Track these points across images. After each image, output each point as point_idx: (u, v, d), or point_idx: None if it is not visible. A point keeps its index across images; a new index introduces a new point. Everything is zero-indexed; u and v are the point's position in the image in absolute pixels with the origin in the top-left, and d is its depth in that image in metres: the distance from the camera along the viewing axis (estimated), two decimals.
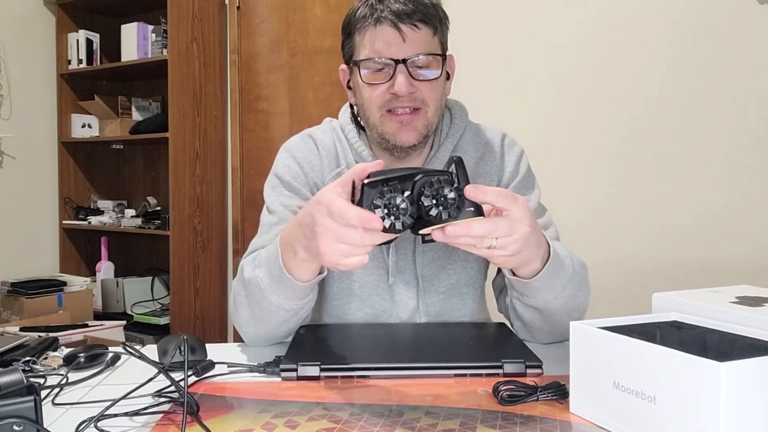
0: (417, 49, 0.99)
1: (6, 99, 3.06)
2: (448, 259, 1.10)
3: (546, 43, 2.27)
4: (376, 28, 0.99)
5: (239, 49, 3.07)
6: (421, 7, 0.99)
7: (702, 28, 2.00)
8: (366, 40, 1.00)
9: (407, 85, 0.98)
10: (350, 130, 1.12)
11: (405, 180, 0.73)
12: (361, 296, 1.09)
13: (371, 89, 1.02)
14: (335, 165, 1.11)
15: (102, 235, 3.27)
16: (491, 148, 1.13)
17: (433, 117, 1.03)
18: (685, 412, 0.55)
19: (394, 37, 0.98)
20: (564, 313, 0.96)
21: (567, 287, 0.93)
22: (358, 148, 1.10)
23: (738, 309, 0.67)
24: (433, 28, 1.01)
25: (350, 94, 1.11)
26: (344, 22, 1.06)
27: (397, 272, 1.09)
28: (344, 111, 1.16)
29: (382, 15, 0.98)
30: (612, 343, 0.64)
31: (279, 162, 1.14)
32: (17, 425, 0.56)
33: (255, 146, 3.06)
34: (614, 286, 2.10)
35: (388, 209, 0.69)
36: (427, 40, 1.00)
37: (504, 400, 0.72)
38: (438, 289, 1.10)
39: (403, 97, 0.99)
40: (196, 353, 0.87)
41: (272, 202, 1.10)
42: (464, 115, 1.14)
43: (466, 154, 1.11)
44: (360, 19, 1.01)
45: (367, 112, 1.04)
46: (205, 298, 3.04)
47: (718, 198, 1.98)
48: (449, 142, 1.10)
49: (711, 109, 1.99)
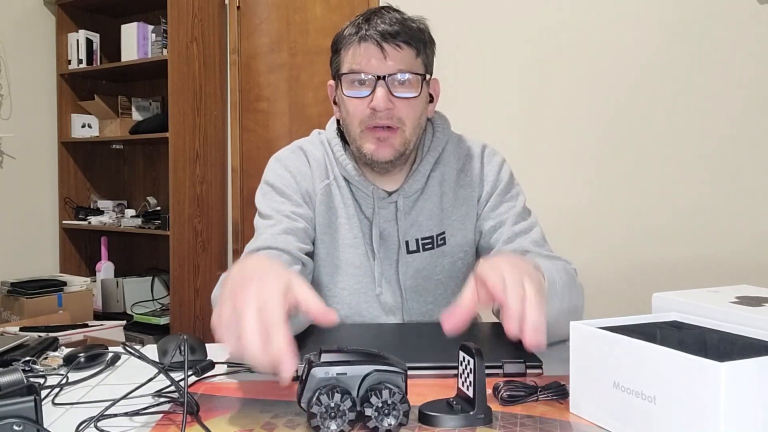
0: (398, 66, 1.01)
1: (6, 99, 3.06)
2: (433, 270, 1.13)
3: (549, 43, 2.27)
4: (360, 45, 1.02)
5: (239, 49, 3.07)
6: (406, 29, 1.02)
7: (702, 28, 2.00)
8: (350, 55, 1.04)
9: (385, 101, 1.00)
10: (336, 144, 1.13)
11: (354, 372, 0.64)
12: (350, 304, 1.12)
13: (352, 103, 1.04)
14: (324, 176, 1.13)
15: (102, 235, 3.27)
16: (471, 159, 1.15)
17: (410, 136, 1.05)
18: (685, 412, 0.55)
19: (376, 54, 1.01)
20: (563, 319, 0.96)
21: (563, 301, 0.93)
22: (343, 161, 1.11)
23: (738, 309, 0.67)
24: (416, 49, 1.04)
25: (336, 109, 1.13)
26: (333, 40, 1.09)
27: (384, 282, 1.11)
28: (331, 124, 1.18)
29: (368, 33, 1.02)
30: (612, 343, 0.64)
31: (270, 171, 1.15)
32: (17, 425, 0.56)
33: (255, 146, 3.06)
34: (614, 286, 2.10)
35: (327, 409, 0.62)
36: (409, 59, 1.03)
37: (504, 400, 0.72)
38: (426, 299, 1.12)
39: (381, 113, 1.01)
40: (196, 353, 0.87)
41: (265, 207, 1.11)
42: (446, 128, 1.16)
43: (448, 166, 1.13)
44: (347, 36, 1.05)
45: (349, 127, 1.07)
46: (205, 298, 3.04)
47: (718, 198, 1.98)
48: (431, 155, 1.12)
49: (711, 109, 1.99)
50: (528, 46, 2.29)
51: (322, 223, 1.12)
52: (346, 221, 1.11)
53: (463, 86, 2.37)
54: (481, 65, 2.38)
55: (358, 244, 1.11)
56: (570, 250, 1.25)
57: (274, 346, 0.58)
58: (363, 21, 1.03)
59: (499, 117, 2.35)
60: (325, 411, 0.62)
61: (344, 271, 1.12)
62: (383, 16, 1.03)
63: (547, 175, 2.23)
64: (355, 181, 1.10)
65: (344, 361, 0.63)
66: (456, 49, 2.35)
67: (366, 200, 1.11)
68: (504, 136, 2.18)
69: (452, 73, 2.11)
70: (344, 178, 1.12)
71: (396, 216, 1.11)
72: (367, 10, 1.07)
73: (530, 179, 1.21)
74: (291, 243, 1.03)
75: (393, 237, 1.11)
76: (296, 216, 1.08)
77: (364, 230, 1.11)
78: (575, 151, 2.22)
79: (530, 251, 1.05)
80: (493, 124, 2.33)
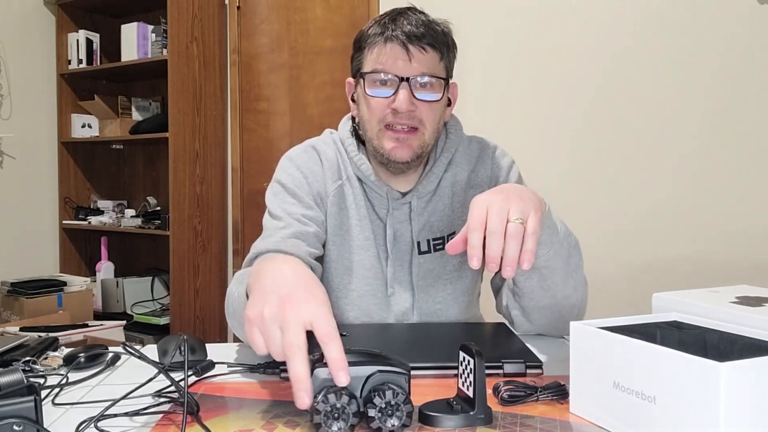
0: (422, 69, 1.02)
1: (6, 99, 3.06)
2: (443, 270, 1.13)
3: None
4: (386, 45, 1.02)
5: (239, 49, 3.07)
6: (431, 32, 1.02)
7: (702, 27, 2.00)
8: (374, 55, 1.04)
9: (408, 103, 1.01)
10: (350, 143, 1.13)
11: (358, 373, 0.64)
12: (360, 306, 1.12)
13: (373, 102, 1.04)
14: (337, 177, 1.13)
15: (102, 235, 3.27)
16: (482, 160, 1.16)
17: (429, 139, 1.06)
18: (685, 412, 0.55)
19: (401, 55, 1.01)
20: (564, 277, 0.97)
21: (563, 246, 0.94)
22: (357, 161, 1.11)
23: (738, 309, 0.67)
24: (440, 53, 1.04)
25: (353, 106, 1.13)
26: (356, 37, 1.09)
27: (395, 283, 1.11)
28: (344, 123, 1.17)
29: (393, 34, 1.01)
30: (612, 343, 0.64)
31: (282, 171, 1.14)
32: (17, 425, 0.56)
33: (255, 146, 3.06)
34: (614, 286, 2.10)
35: (332, 409, 0.61)
36: (433, 63, 1.03)
37: (504, 400, 0.72)
38: (435, 299, 1.12)
39: (402, 114, 1.02)
40: (196, 353, 0.87)
41: (275, 207, 1.10)
42: (459, 131, 1.16)
43: (459, 168, 1.14)
44: (372, 35, 1.05)
45: (367, 125, 1.07)
46: (205, 298, 3.04)
47: (718, 198, 1.98)
48: (444, 157, 1.13)
49: (712, 109, 1.99)
50: (515, 45, 2.29)
51: (333, 224, 1.11)
52: (358, 222, 1.11)
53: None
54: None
55: (369, 246, 1.11)
56: None
57: (292, 370, 0.61)
58: (389, 21, 1.03)
59: (499, 116, 2.35)
60: (330, 411, 0.62)
61: (355, 273, 1.11)
62: (409, 18, 1.03)
63: (547, 175, 2.23)
64: (369, 182, 1.10)
65: (348, 362, 0.63)
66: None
67: (380, 201, 1.11)
68: (503, 135, 2.17)
69: None
70: (358, 178, 1.12)
71: (410, 217, 1.11)
72: (393, 10, 1.06)
73: (528, 179, 1.21)
74: (301, 248, 1.02)
75: (406, 238, 1.12)
76: (306, 219, 1.07)
77: (376, 231, 1.12)
78: (575, 151, 2.22)
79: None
80: (492, 123, 2.33)
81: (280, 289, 0.67)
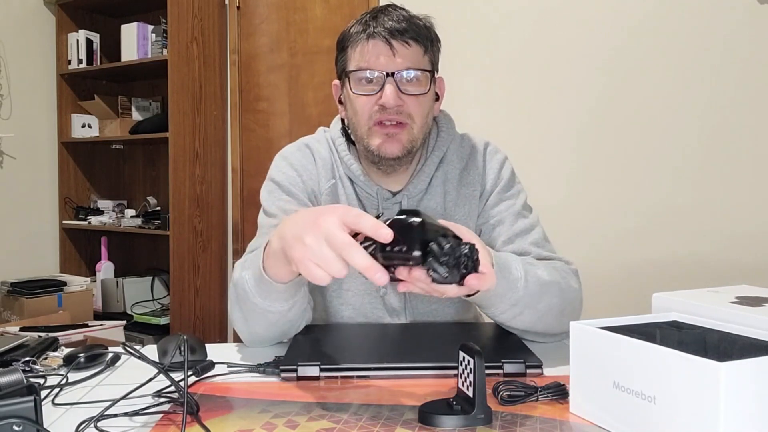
0: (407, 63, 1.02)
1: (6, 99, 3.06)
2: None
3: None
4: (369, 42, 1.02)
5: (239, 49, 3.07)
6: (413, 27, 1.03)
7: (702, 27, 2.00)
8: (358, 53, 1.04)
9: (395, 98, 1.00)
10: (341, 143, 1.13)
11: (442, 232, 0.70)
12: (354, 305, 1.12)
13: (360, 101, 1.04)
14: (330, 176, 1.13)
15: (102, 235, 3.27)
16: (474, 157, 1.15)
17: (418, 133, 1.05)
18: (685, 412, 0.55)
19: (384, 51, 1.01)
20: (534, 320, 0.96)
21: (517, 305, 0.92)
22: (347, 161, 1.11)
23: (738, 309, 0.67)
24: (423, 47, 1.04)
25: (341, 108, 1.13)
26: (339, 38, 1.09)
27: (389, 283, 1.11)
28: (335, 124, 1.17)
29: (375, 30, 1.02)
30: (612, 343, 0.64)
31: (276, 169, 1.15)
32: (17, 425, 0.56)
33: (255, 146, 3.06)
34: (614, 286, 2.10)
35: (448, 257, 0.66)
36: (418, 57, 1.03)
37: (504, 400, 0.72)
38: (431, 299, 1.12)
39: (390, 109, 1.01)
40: (196, 353, 0.87)
41: (270, 205, 1.11)
42: (451, 127, 1.16)
43: (451, 165, 1.13)
44: (354, 34, 1.05)
45: (356, 125, 1.06)
46: (205, 298, 3.04)
47: (718, 198, 1.98)
48: (435, 154, 1.12)
49: (712, 109, 1.99)
50: (516, 46, 2.30)
51: None
52: None
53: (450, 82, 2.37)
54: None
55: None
56: (570, 250, 1.26)
57: (359, 263, 0.68)
58: (370, 18, 1.03)
59: (499, 116, 2.35)
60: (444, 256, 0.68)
61: (349, 272, 1.11)
62: (390, 14, 1.03)
63: (547, 175, 2.24)
64: (359, 182, 1.10)
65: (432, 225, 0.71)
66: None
67: (370, 200, 1.11)
68: (503, 136, 2.17)
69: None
70: (349, 178, 1.12)
71: None
72: (373, 9, 1.06)
73: (530, 179, 1.21)
74: None
75: None
76: None
77: None
78: (575, 151, 2.22)
79: (530, 252, 1.05)
80: (493, 123, 2.33)
81: (305, 220, 0.74)
